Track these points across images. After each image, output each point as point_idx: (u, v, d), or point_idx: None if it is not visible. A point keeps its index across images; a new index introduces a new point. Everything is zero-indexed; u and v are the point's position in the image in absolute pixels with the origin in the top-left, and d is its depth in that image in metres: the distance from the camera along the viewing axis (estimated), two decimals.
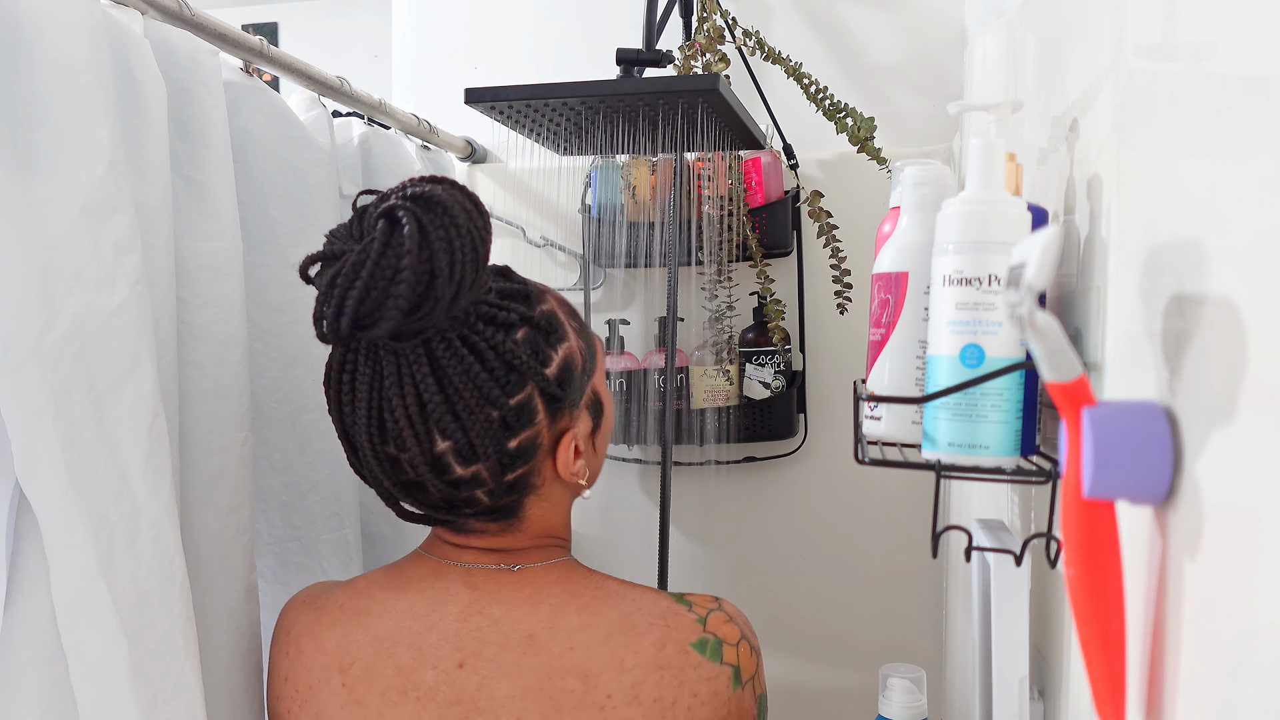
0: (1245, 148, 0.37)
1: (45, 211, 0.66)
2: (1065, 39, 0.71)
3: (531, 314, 0.77)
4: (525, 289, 0.80)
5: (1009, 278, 0.48)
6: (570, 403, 0.79)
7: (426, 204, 0.69)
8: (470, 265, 0.71)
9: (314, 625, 0.82)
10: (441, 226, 0.69)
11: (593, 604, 0.78)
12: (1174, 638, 0.42)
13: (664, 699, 0.75)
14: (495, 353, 0.74)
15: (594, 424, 0.83)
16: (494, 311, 0.75)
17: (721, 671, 0.77)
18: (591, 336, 0.85)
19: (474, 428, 0.73)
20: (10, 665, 0.67)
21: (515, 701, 0.75)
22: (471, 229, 0.71)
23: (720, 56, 1.39)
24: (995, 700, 0.68)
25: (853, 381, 1.12)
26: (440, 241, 0.69)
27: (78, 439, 0.67)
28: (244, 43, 0.94)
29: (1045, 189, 0.75)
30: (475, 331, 0.74)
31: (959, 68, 1.44)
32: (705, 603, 0.81)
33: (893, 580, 1.51)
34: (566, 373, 0.79)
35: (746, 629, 0.81)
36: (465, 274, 0.70)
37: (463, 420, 0.73)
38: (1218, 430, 0.37)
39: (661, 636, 0.77)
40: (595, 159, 1.49)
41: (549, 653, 0.76)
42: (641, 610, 0.78)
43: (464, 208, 0.71)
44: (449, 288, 0.70)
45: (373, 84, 1.24)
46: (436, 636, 0.78)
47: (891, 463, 0.69)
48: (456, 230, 0.70)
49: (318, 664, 0.80)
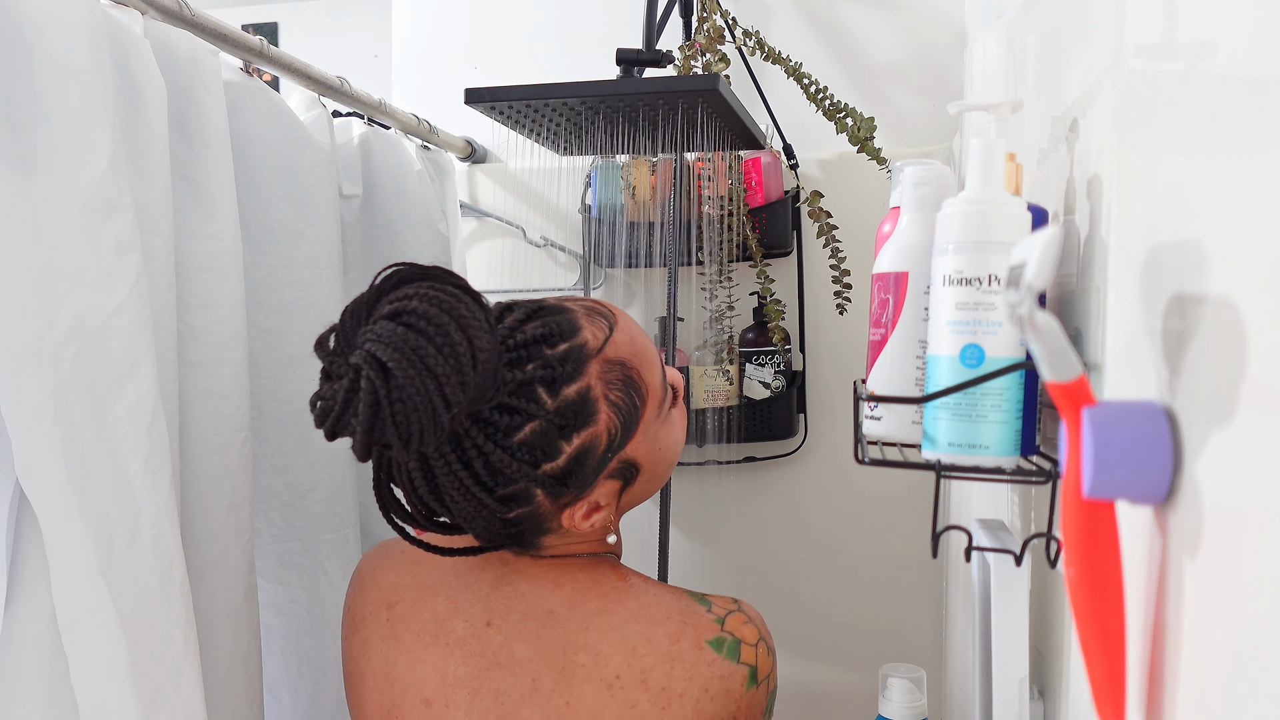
0: (1245, 148, 0.37)
1: (45, 211, 0.66)
2: (1065, 39, 0.71)
3: (547, 407, 0.73)
4: (551, 365, 0.73)
5: (1009, 278, 0.48)
6: (579, 486, 0.77)
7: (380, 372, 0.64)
8: (429, 426, 0.65)
9: (378, 567, 0.88)
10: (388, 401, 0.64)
11: (613, 593, 0.80)
12: (1174, 638, 0.42)
13: (672, 688, 0.76)
14: (485, 461, 0.72)
15: (624, 484, 0.81)
16: (493, 413, 0.71)
17: (738, 670, 0.78)
18: (643, 399, 0.79)
19: (463, 514, 0.75)
20: (10, 665, 0.67)
21: (532, 664, 0.78)
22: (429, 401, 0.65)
23: (720, 56, 1.39)
24: (995, 700, 0.68)
25: (853, 381, 1.12)
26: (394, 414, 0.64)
27: (77, 439, 0.67)
28: (244, 43, 0.94)
29: (1045, 189, 0.75)
30: (470, 438, 0.71)
31: (959, 68, 1.44)
32: (725, 604, 0.82)
33: (893, 580, 1.51)
34: (578, 462, 0.75)
35: (764, 630, 0.82)
36: (422, 434, 0.66)
37: (453, 510, 0.75)
38: (1218, 430, 0.37)
39: (677, 630, 0.78)
40: (595, 159, 1.49)
41: (566, 629, 0.78)
42: (660, 604, 0.80)
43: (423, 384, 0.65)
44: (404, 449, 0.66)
45: (373, 84, 1.24)
46: (471, 595, 0.82)
47: (891, 463, 0.69)
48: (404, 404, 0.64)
49: (372, 599, 0.85)
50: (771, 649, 0.81)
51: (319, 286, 1.03)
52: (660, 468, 0.83)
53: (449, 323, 0.66)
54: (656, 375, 0.81)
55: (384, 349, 0.64)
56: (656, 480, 0.84)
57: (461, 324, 0.67)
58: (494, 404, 0.71)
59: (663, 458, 0.83)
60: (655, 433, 0.81)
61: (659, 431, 0.82)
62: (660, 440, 0.82)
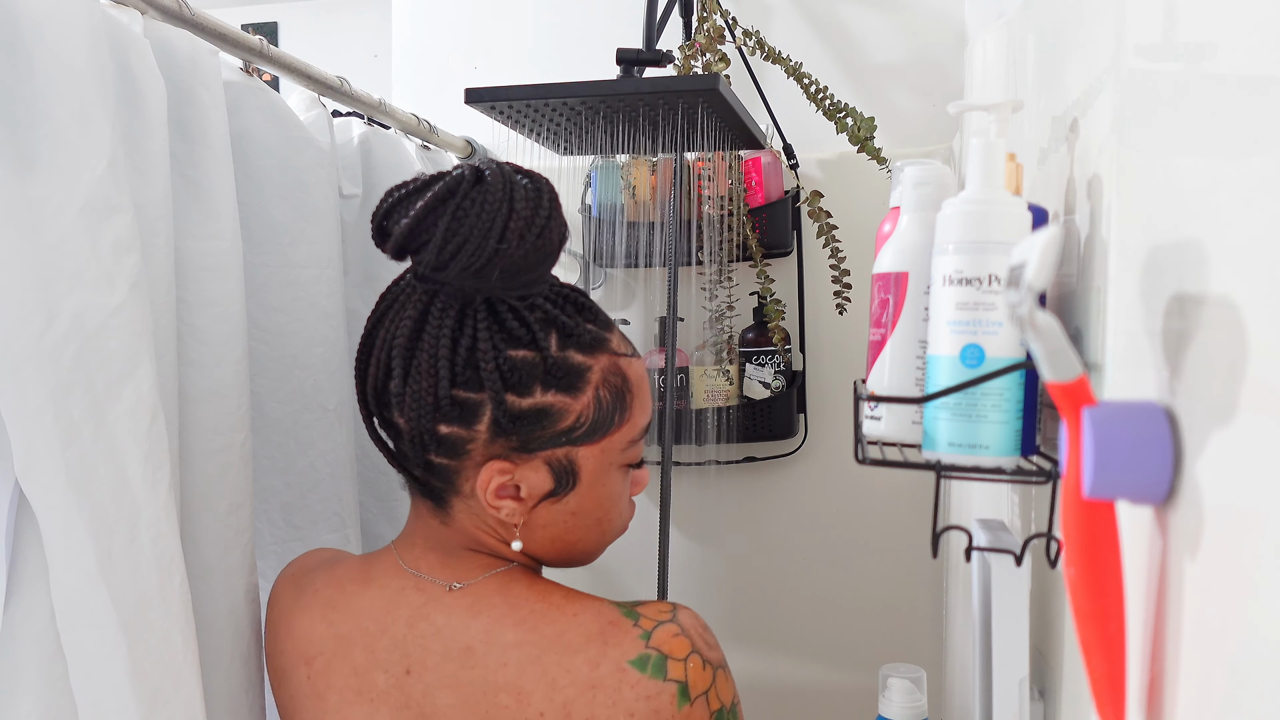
0: (1245, 148, 0.37)
1: (45, 211, 0.65)
2: (1065, 39, 0.71)
3: (549, 349, 0.76)
4: (576, 329, 0.78)
5: (1009, 278, 0.48)
6: (521, 443, 0.77)
7: (478, 177, 0.74)
8: (473, 251, 0.72)
9: (290, 610, 0.85)
10: (467, 200, 0.73)
11: (530, 619, 0.77)
12: (1174, 638, 0.42)
13: (596, 718, 0.73)
14: (471, 343, 0.74)
15: (554, 489, 0.79)
16: (509, 316, 0.75)
17: (664, 689, 0.74)
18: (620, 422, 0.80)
19: (412, 387, 0.75)
20: (10, 665, 0.67)
21: (456, 711, 0.76)
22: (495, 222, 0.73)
23: (720, 56, 1.39)
24: (995, 700, 0.68)
25: (853, 381, 1.12)
26: (455, 210, 0.72)
27: (77, 439, 0.67)
28: (244, 42, 0.94)
29: (1045, 189, 0.75)
30: (475, 314, 0.75)
31: (959, 68, 1.44)
32: (656, 614, 0.77)
33: (893, 580, 1.51)
34: (535, 415, 0.76)
35: (700, 641, 0.76)
36: (462, 254, 0.72)
37: (409, 374, 0.75)
38: (1218, 430, 0.37)
39: (597, 654, 0.74)
40: (595, 159, 1.49)
41: (485, 666, 0.75)
42: (581, 626, 0.76)
43: (508, 201, 0.74)
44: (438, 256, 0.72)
45: (373, 84, 1.24)
46: (388, 641, 0.79)
47: (891, 463, 0.69)
48: (480, 211, 0.73)
49: (288, 650, 0.84)
50: (710, 661, 0.76)
51: (319, 286, 1.03)
52: (591, 516, 0.81)
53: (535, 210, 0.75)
54: (641, 421, 0.82)
55: (485, 171, 0.74)
56: (580, 532, 0.82)
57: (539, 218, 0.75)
58: (512, 308, 0.75)
59: (598, 505, 0.81)
60: (610, 472, 0.81)
61: (613, 476, 0.81)
62: (608, 487, 0.81)
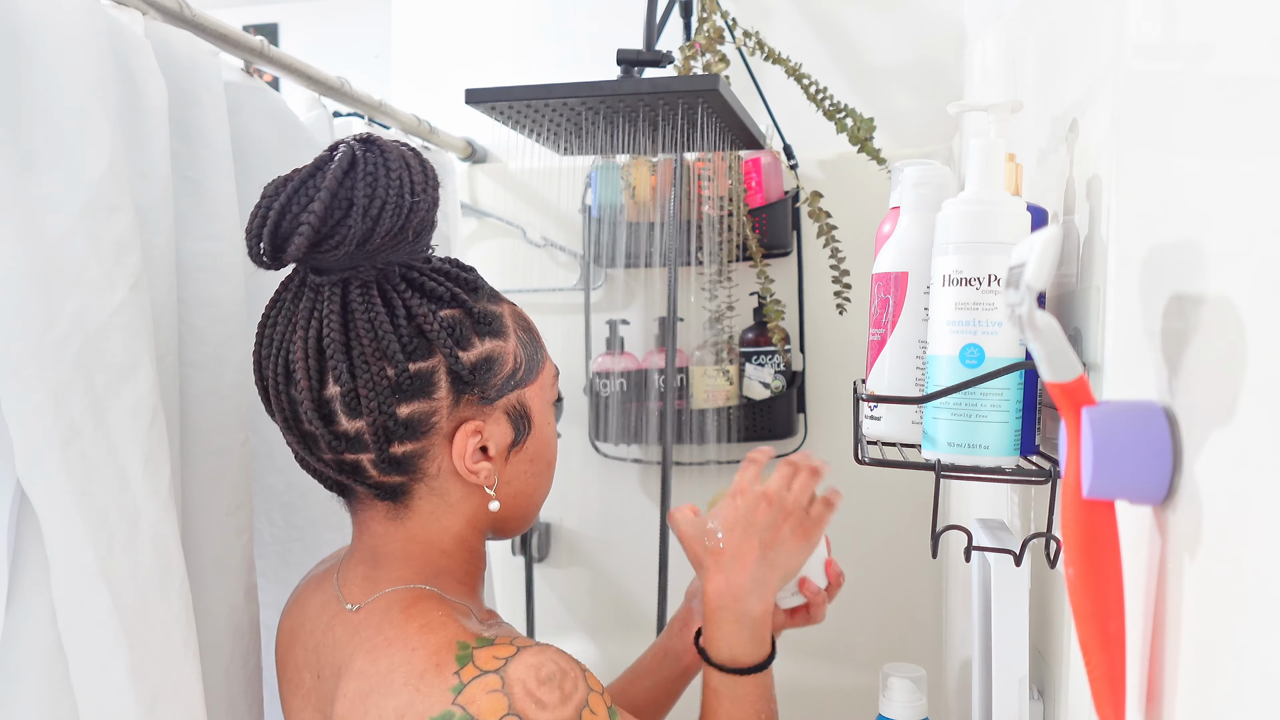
0: (1244, 148, 0.37)
1: (45, 211, 0.66)
2: (1065, 39, 0.71)
3: (469, 302, 0.76)
4: (477, 282, 0.78)
5: (1009, 278, 0.48)
6: (482, 393, 0.75)
7: (368, 143, 0.71)
8: (393, 210, 0.70)
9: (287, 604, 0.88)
10: (371, 164, 0.70)
11: (381, 648, 0.71)
12: (1174, 638, 0.42)
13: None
14: (407, 312, 0.72)
15: (515, 436, 0.78)
16: (425, 280, 0.74)
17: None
18: (542, 359, 0.82)
19: (363, 378, 0.71)
20: (10, 665, 0.68)
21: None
22: (403, 178, 0.71)
23: (720, 57, 1.39)
24: (995, 700, 0.68)
25: (853, 381, 1.12)
26: (365, 176, 0.69)
27: (77, 438, 0.67)
28: (244, 43, 0.94)
29: (1045, 189, 0.75)
30: (395, 288, 0.73)
31: (959, 68, 1.44)
32: (489, 660, 0.68)
33: (893, 580, 1.51)
34: (485, 364, 0.76)
35: (526, 700, 0.65)
36: (385, 217, 0.69)
37: (355, 366, 0.71)
38: (1217, 430, 0.38)
39: (406, 703, 0.67)
40: (595, 159, 1.49)
41: (341, 693, 0.72)
42: (409, 665, 0.69)
43: (404, 159, 0.71)
44: (362, 223, 0.69)
45: (373, 84, 1.24)
46: (314, 643, 0.80)
47: (891, 463, 0.69)
48: (386, 170, 0.70)
49: (275, 642, 0.87)
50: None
51: None
52: (543, 460, 0.82)
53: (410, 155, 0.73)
54: (549, 355, 0.84)
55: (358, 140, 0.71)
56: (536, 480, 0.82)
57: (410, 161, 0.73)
58: (421, 272, 0.74)
59: (547, 446, 0.83)
60: (548, 411, 0.82)
61: (550, 414, 0.83)
62: (551, 426, 0.83)
